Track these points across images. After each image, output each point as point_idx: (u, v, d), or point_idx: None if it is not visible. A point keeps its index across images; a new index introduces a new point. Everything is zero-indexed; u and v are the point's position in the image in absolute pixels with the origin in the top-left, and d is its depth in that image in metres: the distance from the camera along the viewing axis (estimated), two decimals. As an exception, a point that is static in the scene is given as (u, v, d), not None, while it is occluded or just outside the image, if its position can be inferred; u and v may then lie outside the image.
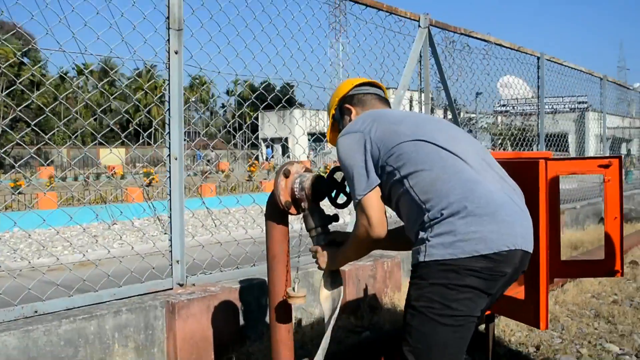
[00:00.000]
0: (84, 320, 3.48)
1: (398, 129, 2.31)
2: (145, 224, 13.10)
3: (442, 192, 2.15)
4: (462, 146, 2.30)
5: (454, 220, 2.10)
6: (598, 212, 11.27)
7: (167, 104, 4.00)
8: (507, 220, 2.14)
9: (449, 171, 2.19)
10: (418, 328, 2.20)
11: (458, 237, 2.09)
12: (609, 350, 4.23)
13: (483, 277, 2.12)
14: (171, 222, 4.06)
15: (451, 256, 2.09)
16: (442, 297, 2.14)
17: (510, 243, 2.12)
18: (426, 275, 2.16)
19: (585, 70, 11.06)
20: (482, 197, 2.13)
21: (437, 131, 2.33)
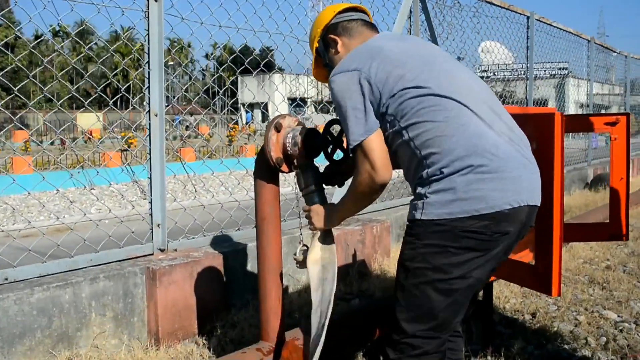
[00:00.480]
0: (58, 288, 3.25)
1: (402, 74, 2.07)
2: (124, 188, 12.80)
3: (444, 149, 1.98)
4: (470, 93, 2.09)
5: (455, 177, 1.96)
6: (584, 177, 11.19)
7: (147, 55, 3.73)
8: (512, 176, 1.99)
9: (452, 124, 2.00)
10: (410, 290, 2.08)
11: (458, 195, 1.96)
12: (607, 318, 4.09)
13: (482, 239, 1.99)
14: (151, 183, 3.82)
15: (449, 215, 1.96)
16: (436, 259, 2.01)
17: (514, 200, 1.98)
18: (422, 234, 2.03)
19: (573, 31, 10.87)
20: (486, 152, 1.97)
21: (444, 74, 2.11)
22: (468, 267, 2.01)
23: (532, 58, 9.22)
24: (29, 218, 9.43)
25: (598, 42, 12.70)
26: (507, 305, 4.31)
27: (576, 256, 5.83)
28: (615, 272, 5.29)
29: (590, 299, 4.51)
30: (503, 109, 2.18)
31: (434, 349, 2.11)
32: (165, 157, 3.89)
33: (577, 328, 3.87)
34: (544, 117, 2.41)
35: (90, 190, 12.21)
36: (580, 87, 13.67)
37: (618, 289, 4.77)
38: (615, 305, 4.33)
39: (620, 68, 15.68)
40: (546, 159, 2.36)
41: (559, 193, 2.32)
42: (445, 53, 2.35)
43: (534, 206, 2.07)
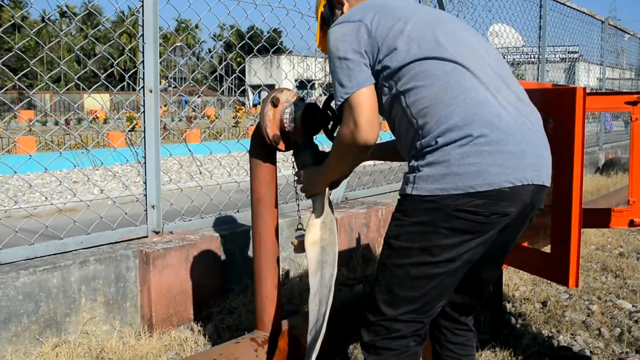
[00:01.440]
0: (46, 272, 3.09)
1: (404, 29, 1.88)
2: (129, 169, 12.65)
3: (441, 117, 1.78)
4: (474, 55, 1.87)
5: (449, 149, 1.76)
6: (595, 161, 11.00)
7: (141, 28, 3.54)
8: (515, 151, 1.77)
9: (452, 90, 1.80)
10: (392, 270, 1.91)
11: (451, 169, 1.75)
12: (621, 307, 3.91)
13: (477, 220, 1.78)
14: (146, 162, 3.65)
15: (441, 192, 1.76)
16: (423, 240, 1.82)
17: (516, 178, 1.76)
18: (410, 211, 1.85)
19: (587, 12, 10.61)
20: (486, 122, 1.76)
21: (448, 35, 1.89)
22: (457, 251, 1.82)
23: (545, 38, 8.98)
24: (32, 199, 9.30)
25: (612, 23, 12.43)
26: (516, 293, 4.14)
27: (588, 242, 5.65)
28: (628, 259, 5.11)
29: (603, 287, 4.33)
30: (513, 77, 1.97)
31: (411, 332, 1.94)
32: (169, 140, 3.71)
33: (589, 318, 3.70)
34: (564, 92, 2.22)
35: (95, 171, 12.08)
36: (591, 71, 13.42)
37: (632, 277, 4.59)
38: (629, 295, 4.15)
39: (632, 51, 15.38)
40: (565, 137, 2.17)
41: (579, 175, 2.13)
42: (453, 16, 2.15)
43: (541, 186, 1.85)
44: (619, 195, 6.96)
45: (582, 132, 2.15)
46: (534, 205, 1.89)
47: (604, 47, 11.94)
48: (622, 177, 9.71)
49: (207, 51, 55.40)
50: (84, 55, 21.40)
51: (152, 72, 3.58)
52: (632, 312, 3.84)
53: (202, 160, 13.17)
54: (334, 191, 5.05)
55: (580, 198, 2.17)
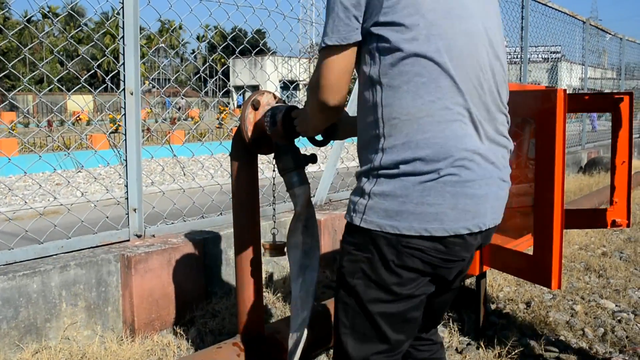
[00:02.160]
0: (26, 277, 3.05)
1: (422, 2, 1.58)
2: (112, 171, 12.58)
3: (411, 141, 1.58)
4: (475, 71, 1.63)
5: (410, 183, 1.58)
6: (578, 161, 11.06)
7: (122, 30, 3.51)
8: (479, 194, 1.62)
9: (435, 115, 1.57)
10: (354, 309, 1.73)
11: (407, 207, 1.58)
12: (604, 307, 3.93)
13: (429, 261, 1.64)
14: (127, 165, 3.61)
15: (392, 229, 1.60)
16: (379, 277, 1.66)
17: (475, 224, 1.63)
18: (362, 246, 1.68)
19: (568, 12, 10.67)
20: (458, 160, 1.58)
21: (462, 33, 1.61)
22: (416, 288, 1.68)
23: (527, 39, 9.02)
24: (12, 202, 9.21)
25: (594, 23, 12.51)
26: (500, 294, 4.15)
27: (571, 242, 5.67)
28: (611, 258, 5.14)
29: (586, 287, 4.35)
30: (503, 100, 1.77)
31: None
32: (142, 138, 3.68)
33: (573, 318, 3.71)
34: (545, 94, 2.21)
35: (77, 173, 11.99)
36: (573, 71, 13.50)
37: (615, 276, 4.62)
38: (612, 294, 4.17)
39: (613, 51, 15.48)
40: (546, 139, 2.17)
41: (560, 177, 2.13)
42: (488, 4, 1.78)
43: (495, 227, 1.75)
44: (602, 195, 7.00)
45: (563, 133, 2.15)
46: (485, 242, 1.79)
47: (585, 47, 12.02)
48: (605, 176, 9.77)
49: (191, 52, 55.15)
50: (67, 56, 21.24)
51: (132, 74, 3.54)
52: (616, 311, 3.85)
53: (185, 162, 13.12)
54: (317, 193, 5.03)
55: (562, 200, 2.17)
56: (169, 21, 30.92)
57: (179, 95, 4.94)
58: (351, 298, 1.73)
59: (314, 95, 1.70)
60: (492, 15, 1.76)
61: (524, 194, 3.52)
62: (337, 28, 1.62)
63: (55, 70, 49.41)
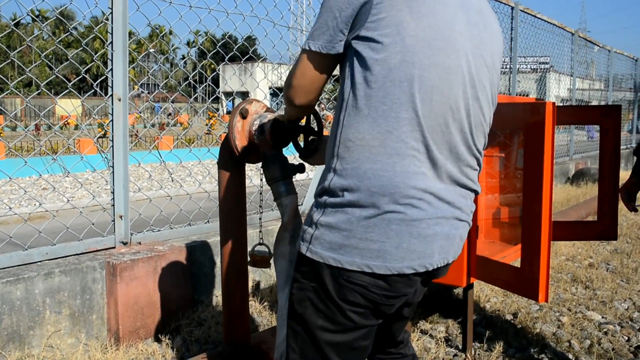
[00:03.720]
0: (9, 284, 3.02)
1: (407, 24, 1.50)
2: (99, 176, 12.51)
3: (359, 169, 1.52)
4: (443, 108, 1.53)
5: (354, 217, 1.52)
6: (565, 171, 11.10)
7: (110, 36, 3.49)
8: (426, 234, 1.54)
9: (388, 146, 1.50)
10: (304, 337, 1.69)
11: (351, 242, 1.53)
12: (590, 319, 3.93)
13: (372, 298, 1.58)
14: (114, 171, 3.59)
15: (335, 262, 1.55)
16: (325, 307, 1.62)
17: (420, 264, 1.56)
18: (309, 274, 1.64)
19: (557, 24, 10.73)
20: (404, 198, 1.50)
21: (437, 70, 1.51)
22: (360, 319, 1.63)
23: (516, 50, 9.06)
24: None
25: (582, 35, 12.59)
26: (487, 305, 4.14)
27: (558, 253, 5.68)
28: (598, 270, 5.15)
29: (573, 298, 4.35)
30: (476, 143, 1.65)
31: None
32: (130, 145, 3.66)
33: (560, 330, 3.71)
34: (534, 107, 2.21)
35: (65, 178, 11.92)
36: (561, 82, 13.56)
37: (602, 288, 4.62)
38: (599, 306, 4.18)
39: (601, 63, 15.58)
40: (534, 152, 2.16)
41: (548, 191, 2.12)
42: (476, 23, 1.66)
43: (447, 265, 1.68)
44: (589, 206, 7.04)
45: (552, 147, 2.15)
46: (437, 277, 1.72)
47: (574, 58, 12.08)
48: (592, 187, 9.82)
49: (181, 57, 55.04)
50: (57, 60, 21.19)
51: (120, 81, 3.52)
52: (602, 323, 3.85)
53: (173, 167, 13.07)
54: (305, 201, 5.02)
55: (550, 214, 2.17)
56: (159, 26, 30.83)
57: (168, 101, 4.91)
58: (299, 326, 1.69)
59: (285, 89, 1.74)
60: (487, 55, 1.66)
61: (512, 204, 3.53)
62: (323, 35, 1.59)
63: (44, 73, 49.19)
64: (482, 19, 1.66)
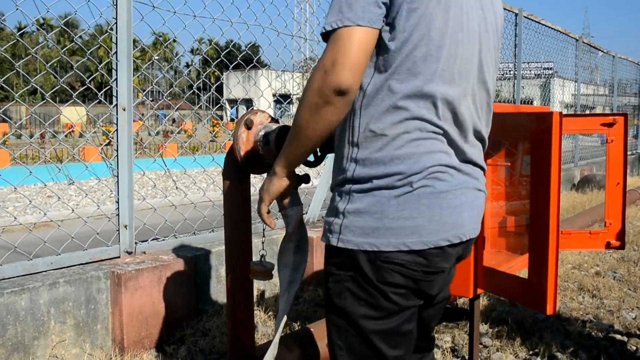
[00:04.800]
0: (14, 294, 3.01)
1: None
2: (104, 184, 12.50)
3: (386, 156, 1.53)
4: (459, 96, 1.58)
5: (385, 198, 1.53)
6: (570, 178, 11.07)
7: (115, 46, 3.49)
8: (455, 204, 1.58)
9: (411, 132, 1.53)
10: (347, 330, 1.67)
11: (384, 223, 1.53)
12: (598, 328, 3.90)
13: (410, 276, 1.59)
14: (118, 181, 3.59)
15: (370, 247, 1.54)
16: (365, 294, 1.61)
17: (454, 235, 1.59)
18: (343, 264, 1.62)
19: (561, 30, 10.73)
20: (431, 173, 1.54)
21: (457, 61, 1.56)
22: (401, 300, 1.62)
23: (520, 56, 9.05)
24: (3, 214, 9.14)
25: (586, 41, 12.57)
26: (493, 314, 4.12)
27: (565, 261, 5.65)
28: (605, 278, 5.12)
29: (580, 307, 4.32)
30: (482, 126, 1.72)
31: None
32: (136, 150, 3.65)
33: (567, 339, 3.68)
34: (540, 117, 2.20)
35: (69, 185, 11.93)
36: (565, 87, 13.54)
37: (609, 296, 4.60)
38: (606, 315, 4.15)
39: (606, 68, 15.56)
40: (541, 161, 2.15)
41: (555, 203, 2.10)
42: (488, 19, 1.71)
43: (473, 238, 1.72)
44: (595, 213, 7.01)
45: (559, 157, 2.13)
46: (465, 255, 1.75)
47: (578, 64, 12.06)
48: (598, 193, 9.78)
49: (185, 65, 55.12)
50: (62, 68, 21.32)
51: (125, 90, 3.52)
52: (610, 332, 3.83)
53: (178, 175, 13.07)
54: (310, 210, 5.00)
55: (557, 225, 2.15)
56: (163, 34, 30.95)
57: (174, 109, 4.91)
58: (342, 319, 1.67)
59: (326, 77, 1.45)
60: (493, 36, 1.72)
61: (518, 212, 3.51)
62: (369, 9, 1.46)
63: (49, 81, 49.34)
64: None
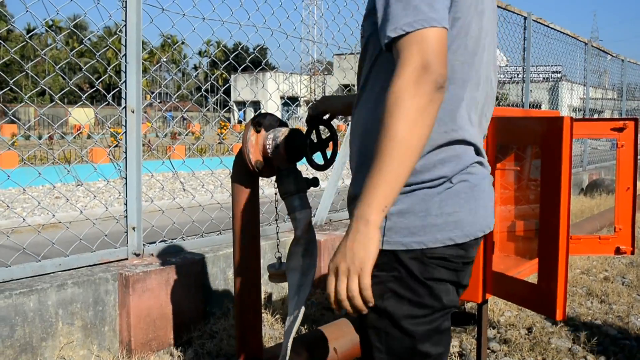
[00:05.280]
0: (22, 295, 3.02)
1: None
2: (112, 185, 12.53)
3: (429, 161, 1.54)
4: (478, 90, 1.64)
5: (427, 196, 1.54)
6: (579, 182, 11.03)
7: (124, 48, 3.49)
8: (484, 197, 1.64)
9: (447, 125, 1.55)
10: (388, 331, 1.64)
11: (429, 220, 1.54)
12: (607, 334, 3.88)
13: (453, 268, 1.62)
14: (127, 183, 3.59)
15: (418, 245, 1.54)
16: (409, 293, 1.60)
17: (486, 226, 1.65)
18: (386, 265, 1.58)
19: (570, 33, 10.69)
20: (468, 164, 1.59)
21: (478, 60, 1.63)
22: (445, 297, 1.64)
23: (529, 60, 9.02)
24: (12, 215, 9.18)
25: (595, 44, 12.52)
26: (501, 319, 4.10)
27: (573, 266, 5.62)
28: (613, 283, 5.09)
29: (588, 312, 4.30)
30: (487, 118, 1.76)
31: None
32: (144, 153, 3.66)
33: (575, 345, 3.66)
34: (551, 121, 2.19)
35: (77, 187, 11.96)
36: (574, 91, 13.49)
37: (617, 302, 4.57)
38: (615, 321, 4.13)
39: (614, 72, 15.51)
40: (551, 166, 2.14)
41: (565, 208, 2.09)
42: None
43: None
44: (604, 218, 6.97)
45: (570, 161, 2.12)
46: None
47: (587, 68, 12.02)
48: (606, 198, 9.73)
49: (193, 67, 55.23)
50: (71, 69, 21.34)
51: (134, 93, 3.52)
52: (618, 339, 3.81)
53: (186, 177, 13.09)
54: (317, 213, 5.00)
55: (567, 230, 2.14)
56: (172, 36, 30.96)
57: (181, 111, 4.92)
58: (383, 320, 1.64)
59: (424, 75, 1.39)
60: (495, 33, 1.78)
61: (527, 217, 3.49)
62: (445, 12, 1.46)
63: (58, 82, 49.52)
64: None
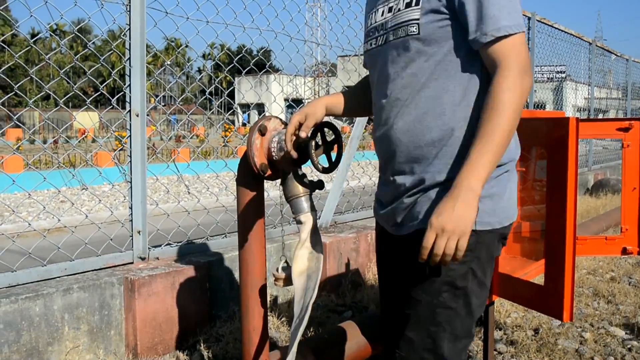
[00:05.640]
0: (28, 300, 3.02)
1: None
2: (117, 188, 12.54)
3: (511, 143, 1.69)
4: None
5: (503, 181, 1.71)
6: (584, 182, 11.00)
7: (128, 52, 3.49)
8: None
9: None
10: (459, 311, 1.71)
11: (503, 202, 1.71)
12: (614, 335, 3.86)
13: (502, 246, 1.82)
14: (132, 187, 3.59)
15: (499, 225, 1.71)
16: (483, 273, 1.73)
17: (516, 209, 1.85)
18: (473, 245, 1.64)
19: (575, 33, 10.66)
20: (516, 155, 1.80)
21: None
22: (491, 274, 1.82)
23: (533, 60, 9.00)
24: (17, 219, 9.19)
25: (600, 44, 12.49)
26: (508, 320, 4.09)
27: (579, 266, 5.60)
28: (620, 284, 5.07)
29: (595, 313, 4.28)
30: None
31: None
32: (149, 156, 3.66)
33: (582, 346, 3.65)
34: (556, 122, 2.18)
35: (82, 191, 11.97)
36: (578, 91, 13.46)
37: (624, 302, 4.55)
38: (622, 321, 4.11)
39: (619, 72, 15.46)
40: (557, 167, 2.13)
41: (572, 209, 2.08)
42: None
43: None
44: (610, 218, 6.94)
45: (576, 162, 2.12)
46: None
47: (591, 67, 11.99)
48: (612, 198, 9.70)
49: (197, 70, 55.28)
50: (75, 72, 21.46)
51: (138, 96, 3.52)
52: (625, 339, 3.79)
53: (191, 180, 13.10)
54: (322, 215, 4.99)
55: (574, 231, 2.13)
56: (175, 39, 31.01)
57: (185, 114, 4.92)
58: (458, 300, 1.72)
59: (526, 77, 1.61)
60: None
61: (533, 218, 3.48)
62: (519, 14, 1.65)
63: (62, 86, 49.63)
64: None
